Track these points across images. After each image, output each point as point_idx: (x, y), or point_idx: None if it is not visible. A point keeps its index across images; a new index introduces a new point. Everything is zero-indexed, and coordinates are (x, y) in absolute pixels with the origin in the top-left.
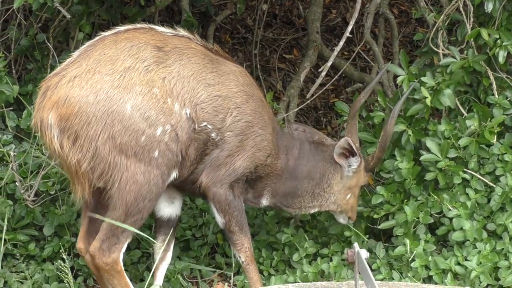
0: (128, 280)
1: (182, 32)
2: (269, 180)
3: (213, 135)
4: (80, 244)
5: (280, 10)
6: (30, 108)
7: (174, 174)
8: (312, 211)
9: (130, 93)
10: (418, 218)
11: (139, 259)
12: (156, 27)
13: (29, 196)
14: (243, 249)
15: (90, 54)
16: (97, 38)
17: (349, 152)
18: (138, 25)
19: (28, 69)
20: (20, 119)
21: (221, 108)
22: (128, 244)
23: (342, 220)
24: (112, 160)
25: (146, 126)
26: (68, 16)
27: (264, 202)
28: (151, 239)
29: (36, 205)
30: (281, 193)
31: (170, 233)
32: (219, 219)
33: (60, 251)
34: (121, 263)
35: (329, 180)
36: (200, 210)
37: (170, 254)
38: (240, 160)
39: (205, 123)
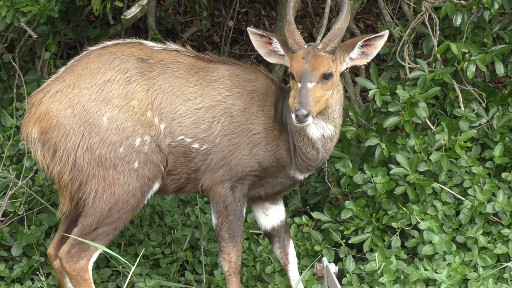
0: None
1: (172, 45)
2: None
3: (195, 146)
4: (51, 250)
5: (246, 26)
6: None
7: (156, 186)
8: None
9: (107, 106)
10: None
11: (109, 278)
12: (146, 42)
13: None
14: (228, 259)
15: (74, 69)
16: (83, 53)
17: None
18: (128, 40)
19: None
20: None
21: (203, 119)
22: (97, 262)
23: None
24: (90, 171)
25: (123, 137)
26: (35, 36)
27: None
28: (120, 257)
29: (4, 225)
30: None
31: (284, 238)
32: (213, 219)
33: (29, 271)
34: (90, 273)
35: None
36: (169, 227)
37: (292, 255)
38: (236, 158)
39: (181, 137)
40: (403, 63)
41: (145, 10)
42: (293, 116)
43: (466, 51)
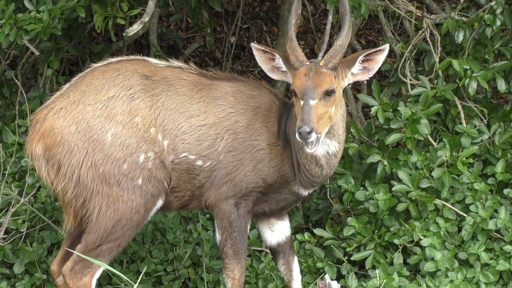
0: None
1: (176, 63)
2: None
3: (198, 163)
4: (54, 267)
5: (248, 42)
6: None
7: (160, 202)
8: None
9: (111, 122)
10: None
11: None
12: (150, 59)
13: None
14: (232, 276)
15: (78, 86)
16: (87, 69)
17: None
18: (132, 57)
19: None
20: None
21: (206, 136)
22: (99, 280)
23: None
24: (94, 188)
25: (127, 154)
26: (37, 53)
27: None
28: (122, 275)
29: (6, 242)
30: None
31: (289, 254)
32: (217, 236)
33: None
34: None
35: None
36: (171, 244)
37: (296, 272)
38: (240, 175)
39: (185, 154)
40: (405, 80)
41: (147, 27)
42: (296, 134)
43: (468, 68)
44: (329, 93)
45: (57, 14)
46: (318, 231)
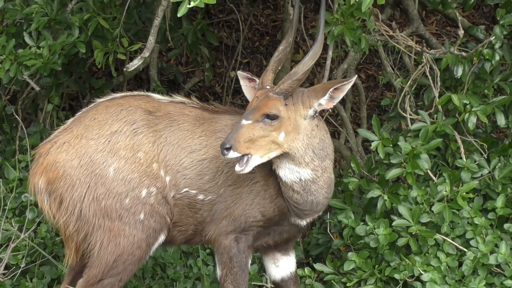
0: None
1: (178, 98)
2: None
3: (200, 197)
4: None
5: None
6: None
7: (162, 237)
8: None
9: (114, 157)
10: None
11: None
12: (153, 94)
13: None
14: None
15: (81, 120)
16: (91, 104)
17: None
18: (135, 92)
19: None
20: None
21: (207, 170)
22: None
23: None
24: (96, 222)
25: (129, 188)
26: (37, 88)
27: None
28: None
29: (6, 278)
30: None
31: None
32: (217, 271)
33: None
34: None
35: None
36: (172, 279)
37: None
38: (239, 209)
39: (186, 189)
40: (405, 114)
41: (148, 61)
42: None
43: (467, 102)
44: (271, 117)
45: (58, 49)
46: (318, 266)
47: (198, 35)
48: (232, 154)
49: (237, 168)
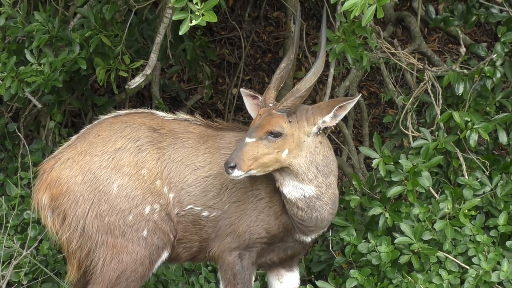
0: None
1: (182, 115)
2: None
3: (205, 213)
4: None
5: None
6: (0, 199)
7: (165, 254)
8: None
9: (117, 174)
10: None
11: None
12: (157, 112)
13: (1, 287)
14: None
15: (85, 137)
16: (96, 121)
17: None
18: (139, 110)
19: None
20: None
21: (211, 187)
22: None
23: None
24: (99, 239)
25: (132, 205)
26: (39, 106)
27: None
28: None
29: None
30: None
31: None
32: (221, 287)
33: None
34: None
35: None
36: None
37: None
38: (243, 225)
39: (190, 206)
40: (407, 132)
41: (149, 79)
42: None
43: (469, 120)
44: (275, 135)
45: (59, 66)
46: (320, 283)
47: (198, 52)
48: (236, 173)
49: (227, 174)
